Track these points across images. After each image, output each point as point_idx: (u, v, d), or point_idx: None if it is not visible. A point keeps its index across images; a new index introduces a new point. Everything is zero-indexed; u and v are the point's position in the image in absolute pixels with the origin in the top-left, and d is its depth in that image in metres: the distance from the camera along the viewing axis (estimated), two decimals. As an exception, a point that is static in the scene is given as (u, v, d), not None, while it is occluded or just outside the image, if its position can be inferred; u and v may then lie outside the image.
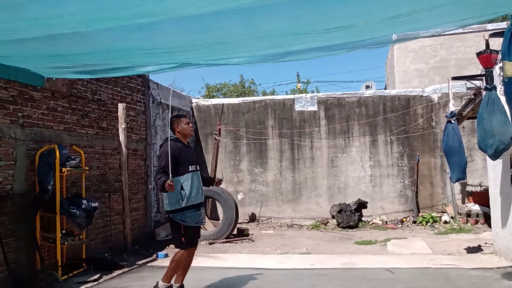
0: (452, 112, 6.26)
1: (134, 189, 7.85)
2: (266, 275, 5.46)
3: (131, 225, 7.40)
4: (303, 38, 3.54)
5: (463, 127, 9.02)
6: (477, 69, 7.28)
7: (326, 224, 9.51)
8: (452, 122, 6.18)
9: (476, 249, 6.62)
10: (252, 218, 10.17)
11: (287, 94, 18.61)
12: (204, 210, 4.76)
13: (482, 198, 8.45)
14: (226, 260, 6.57)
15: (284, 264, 6.16)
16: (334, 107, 10.14)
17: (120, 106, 7.18)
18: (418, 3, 2.93)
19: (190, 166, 4.46)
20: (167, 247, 7.39)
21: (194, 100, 10.89)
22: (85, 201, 5.67)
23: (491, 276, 5.14)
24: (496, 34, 4.69)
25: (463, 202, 9.31)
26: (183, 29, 3.20)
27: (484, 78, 5.19)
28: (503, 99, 4.35)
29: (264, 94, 24.56)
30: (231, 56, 4.14)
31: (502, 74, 3.94)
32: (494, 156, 4.85)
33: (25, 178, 5.29)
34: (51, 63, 4.22)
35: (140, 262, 6.48)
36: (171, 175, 4.16)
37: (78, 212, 5.47)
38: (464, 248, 6.71)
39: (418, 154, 9.63)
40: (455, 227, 8.50)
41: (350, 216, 9.11)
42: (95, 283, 5.35)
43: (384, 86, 15.69)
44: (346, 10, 2.99)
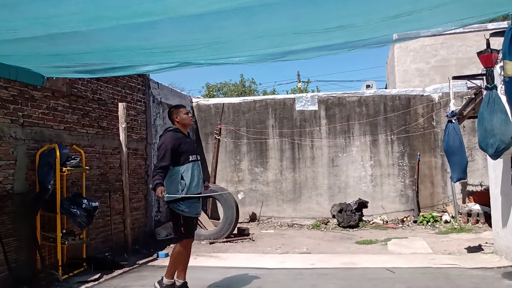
0: (452, 111, 6.26)
1: (134, 188, 7.85)
2: (266, 274, 5.46)
3: (132, 224, 7.40)
4: (304, 37, 3.53)
5: (464, 127, 9.01)
6: (477, 68, 7.27)
7: (326, 224, 9.51)
8: (453, 121, 6.19)
9: (477, 248, 6.62)
10: (253, 218, 10.16)
11: (287, 94, 18.58)
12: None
13: (482, 197, 8.44)
14: (227, 259, 6.56)
15: (284, 264, 6.15)
16: (335, 107, 10.13)
17: (121, 106, 7.18)
18: (418, 3, 2.92)
19: (191, 156, 4.48)
20: (168, 246, 7.40)
21: (194, 100, 10.87)
22: (85, 200, 5.67)
23: (492, 275, 5.14)
24: (497, 33, 4.67)
25: (464, 202, 9.30)
26: (183, 28, 3.20)
27: (484, 77, 5.19)
28: (503, 99, 4.35)
29: (265, 93, 24.57)
30: (232, 56, 4.14)
31: (502, 73, 3.94)
32: (495, 156, 4.85)
33: (25, 178, 5.29)
34: (51, 63, 4.22)
35: (140, 262, 6.48)
36: (171, 166, 4.32)
37: (78, 211, 5.47)
38: (465, 248, 6.70)
39: (418, 153, 9.62)
40: (455, 226, 8.49)
41: (351, 216, 9.11)
42: (96, 282, 5.35)
43: (384, 85, 15.68)
44: (346, 9, 2.99)
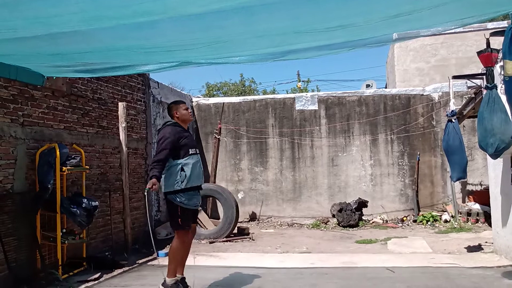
0: (452, 111, 6.26)
1: (134, 188, 7.85)
2: (266, 274, 5.46)
3: (132, 224, 7.40)
4: (304, 36, 3.54)
5: (464, 126, 9.01)
6: (477, 68, 7.28)
7: (326, 223, 9.51)
8: (453, 121, 6.18)
9: (477, 248, 6.62)
10: (253, 217, 10.16)
11: (287, 93, 18.58)
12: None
13: (482, 197, 8.44)
14: (227, 259, 6.57)
15: (284, 263, 6.16)
16: (335, 106, 10.13)
17: (121, 105, 7.18)
18: (419, 2, 2.92)
19: (191, 149, 4.50)
20: (168, 246, 7.39)
21: (194, 99, 10.87)
22: (85, 200, 5.67)
23: (492, 275, 5.14)
24: (497, 33, 4.67)
25: (464, 201, 9.30)
26: (183, 27, 3.20)
27: (484, 77, 5.19)
28: (503, 98, 4.35)
29: (265, 93, 24.56)
30: (232, 55, 4.14)
31: (502, 73, 3.94)
32: (495, 155, 4.84)
33: (25, 177, 5.29)
34: (51, 62, 4.22)
35: (140, 261, 6.49)
36: (171, 159, 4.37)
37: (78, 211, 5.47)
38: (465, 247, 6.71)
39: (418, 153, 9.62)
40: (455, 226, 8.49)
41: (351, 215, 9.11)
42: (96, 282, 5.35)
43: (384, 85, 15.68)
44: (346, 9, 2.99)
